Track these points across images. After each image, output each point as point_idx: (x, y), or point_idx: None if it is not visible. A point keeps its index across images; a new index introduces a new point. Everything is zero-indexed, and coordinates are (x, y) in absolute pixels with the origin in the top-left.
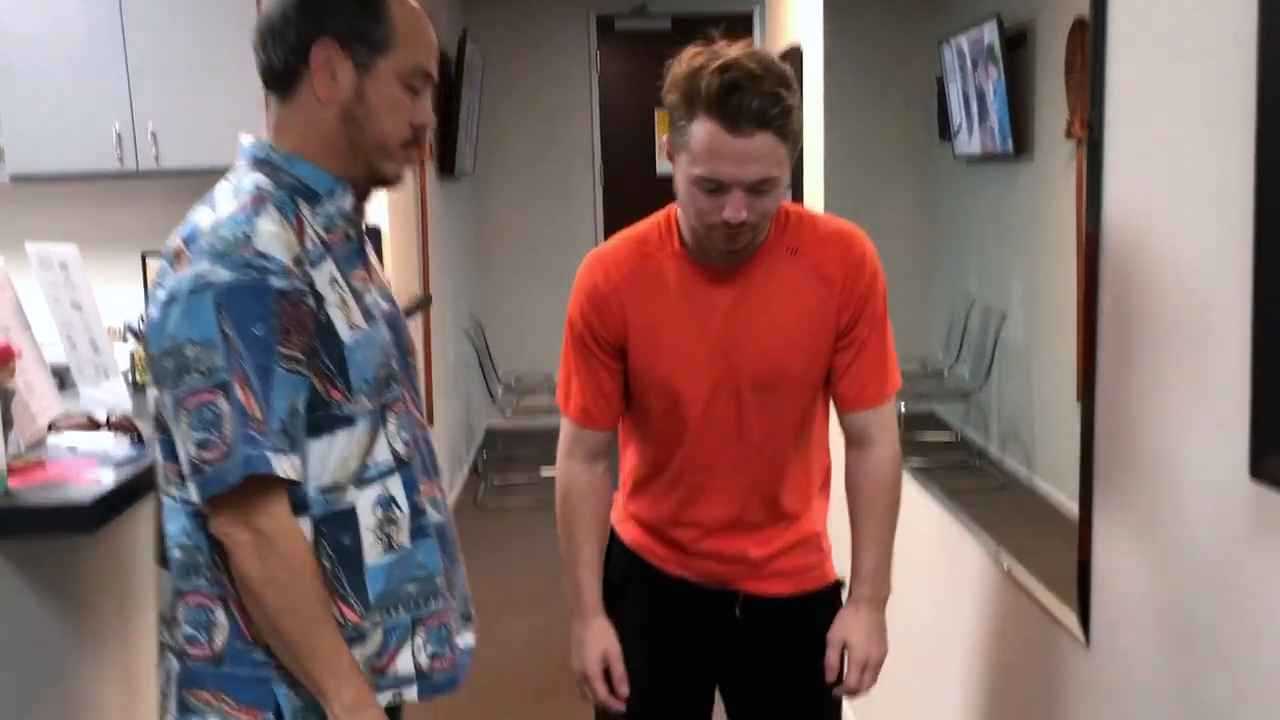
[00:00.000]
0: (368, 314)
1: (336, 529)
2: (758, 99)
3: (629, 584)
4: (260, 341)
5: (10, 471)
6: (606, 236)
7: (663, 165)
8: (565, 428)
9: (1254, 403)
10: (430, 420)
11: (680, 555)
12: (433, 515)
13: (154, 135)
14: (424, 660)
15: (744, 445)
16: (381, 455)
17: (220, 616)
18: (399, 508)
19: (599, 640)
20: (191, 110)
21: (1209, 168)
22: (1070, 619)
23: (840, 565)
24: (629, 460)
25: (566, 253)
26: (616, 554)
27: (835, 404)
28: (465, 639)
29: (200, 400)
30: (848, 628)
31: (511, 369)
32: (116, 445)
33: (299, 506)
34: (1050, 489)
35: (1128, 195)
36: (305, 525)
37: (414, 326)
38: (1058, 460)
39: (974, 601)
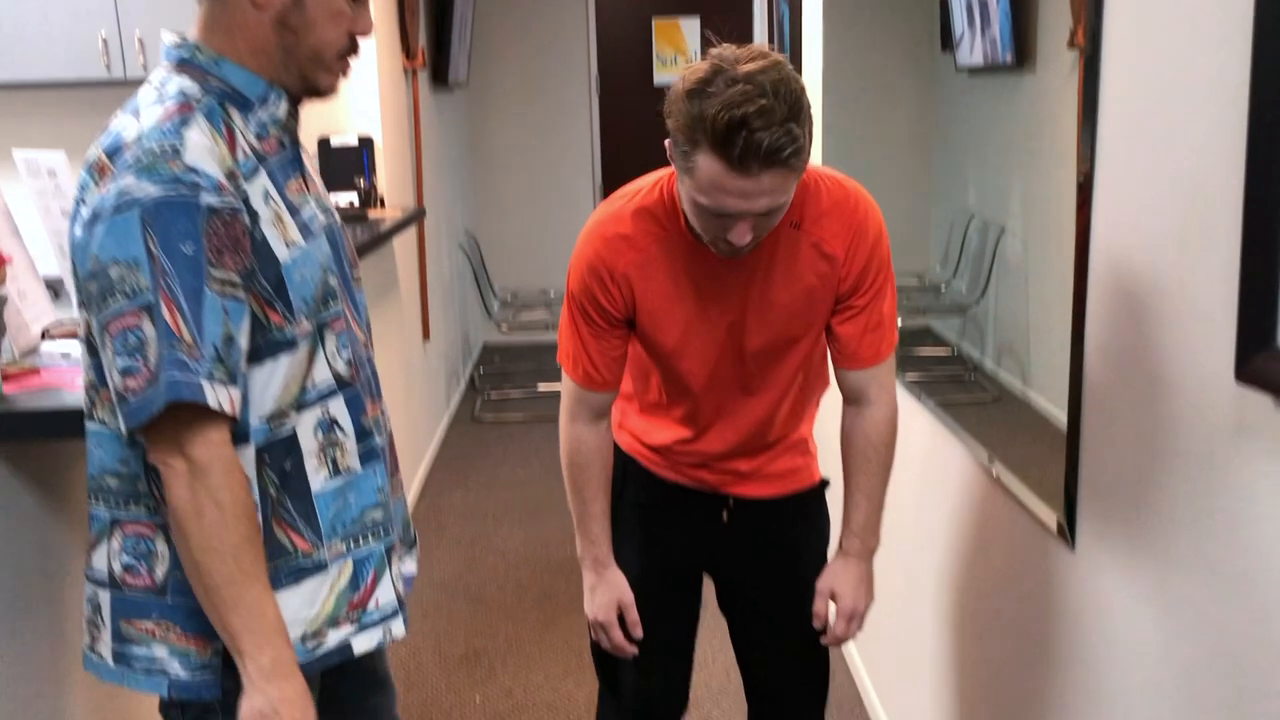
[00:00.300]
0: (305, 229)
1: (278, 456)
2: (767, 137)
3: (626, 478)
4: (190, 261)
5: (4, 377)
6: (604, 148)
7: (660, 76)
8: (568, 389)
9: (1241, 305)
10: (426, 335)
11: (673, 467)
12: (376, 436)
13: (141, 42)
14: (401, 588)
15: (746, 396)
16: (320, 376)
17: (161, 546)
18: (342, 430)
19: (612, 589)
20: (179, 17)
21: (1204, 76)
22: (1056, 523)
23: (825, 466)
24: (629, 388)
25: (563, 165)
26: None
27: (832, 360)
28: (408, 566)
29: (124, 324)
30: (836, 578)
31: (508, 284)
32: None
33: (240, 437)
34: (1044, 402)
35: (1123, 108)
36: (248, 455)
37: (408, 240)
38: (1053, 374)
39: (962, 507)
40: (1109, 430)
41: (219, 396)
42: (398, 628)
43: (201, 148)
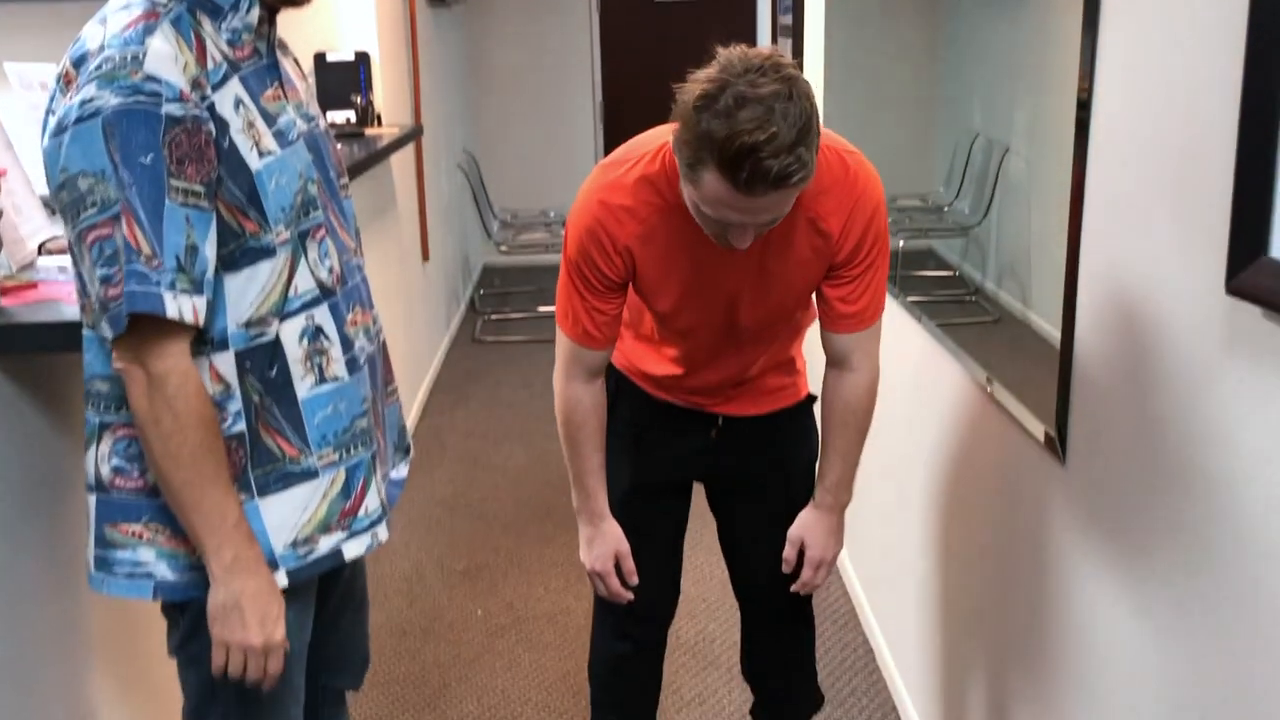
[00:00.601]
0: (281, 136)
1: (260, 362)
2: (776, 164)
3: (619, 394)
4: (149, 171)
5: (2, 291)
6: (605, 67)
7: None
8: (564, 346)
9: (1234, 217)
10: (425, 256)
11: (664, 390)
12: (363, 344)
13: None
14: (385, 494)
15: (738, 349)
16: (304, 285)
17: None
18: (327, 338)
19: (609, 541)
20: None
21: None
22: (1045, 434)
23: (813, 384)
24: (625, 316)
25: (562, 84)
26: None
27: (820, 320)
28: (400, 471)
29: (99, 235)
30: (807, 528)
31: (507, 205)
32: None
33: (219, 343)
34: (1045, 324)
35: (1123, 25)
36: (227, 361)
37: (406, 159)
38: (1054, 295)
39: (956, 424)
40: (1102, 345)
41: (180, 306)
42: (383, 532)
43: (164, 56)
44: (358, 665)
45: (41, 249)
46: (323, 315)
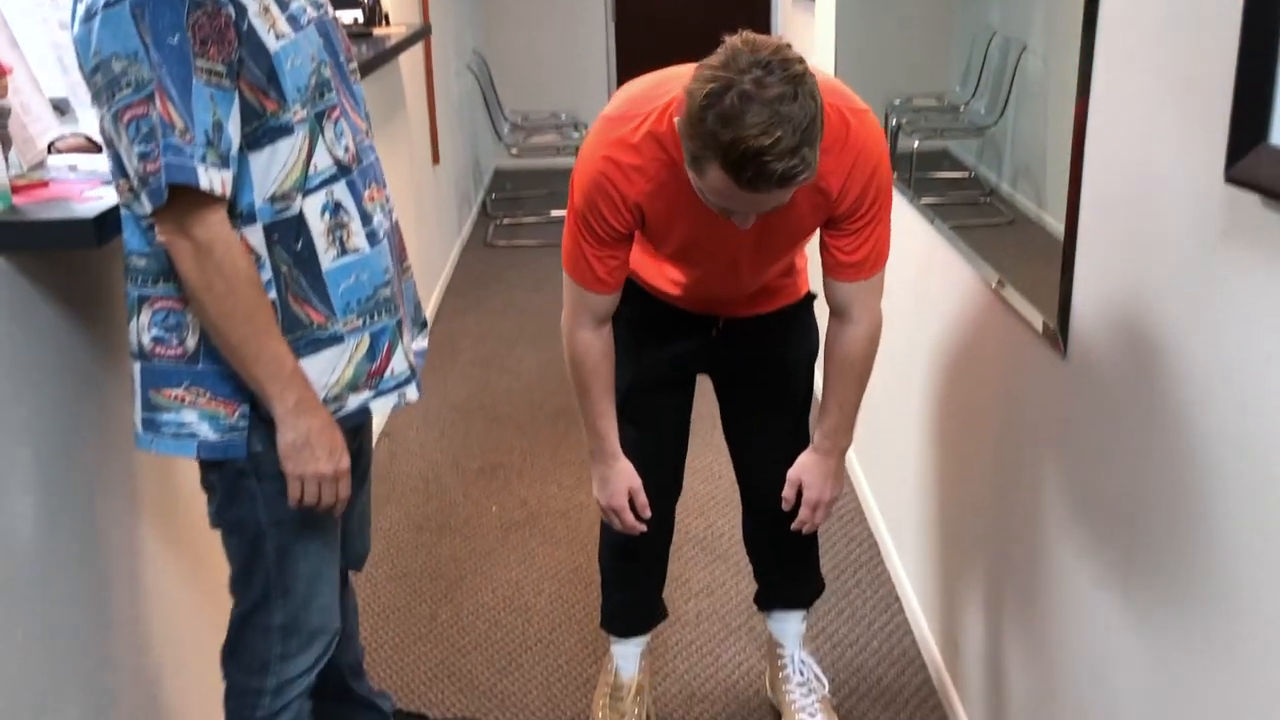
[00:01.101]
0: (294, 21)
1: (287, 235)
2: (781, 166)
3: (623, 296)
4: (176, 52)
5: (13, 190)
6: None
7: None
8: (572, 294)
9: (1235, 103)
10: (436, 159)
11: (666, 296)
12: (380, 219)
13: None
14: (414, 359)
15: (738, 278)
16: (323, 163)
17: (189, 318)
18: (346, 212)
19: (623, 478)
20: None
21: None
22: (1043, 324)
23: (813, 282)
24: None
25: None
26: None
27: (822, 267)
28: (420, 343)
29: (135, 114)
30: (805, 470)
31: (518, 107)
32: None
33: (247, 217)
34: (1059, 226)
35: None
36: (256, 233)
37: (414, 60)
38: (1066, 197)
39: (963, 324)
40: (1104, 237)
41: (211, 179)
42: (411, 393)
43: None
44: (360, 548)
45: (51, 148)
46: (341, 191)
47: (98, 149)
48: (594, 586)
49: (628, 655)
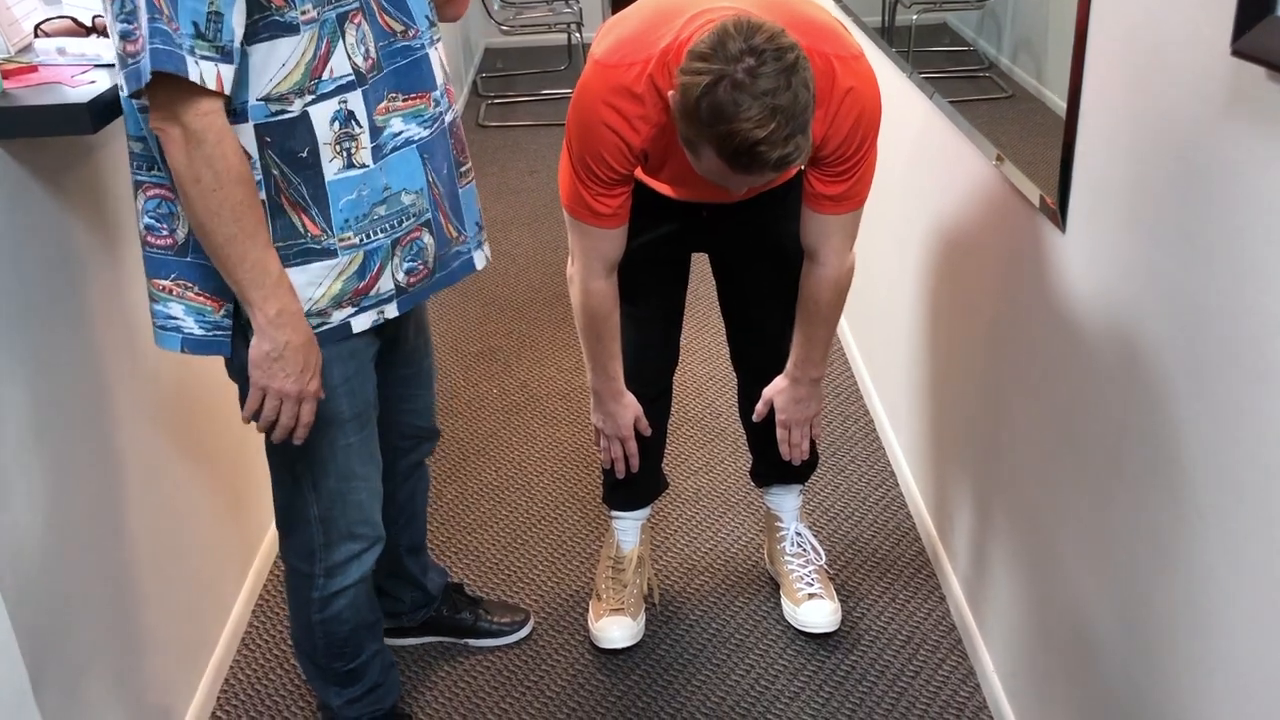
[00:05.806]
0: None
1: (284, 137)
2: (775, 154)
3: None
4: None
5: (4, 75)
6: None
7: None
8: (580, 237)
9: None
10: None
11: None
12: (399, 129)
13: None
14: (401, 278)
15: (730, 197)
16: (340, 69)
17: (180, 209)
18: (358, 123)
19: (629, 410)
20: None
21: None
22: (1040, 198)
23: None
24: None
25: None
26: None
27: (803, 196)
28: (480, 256)
29: None
30: (776, 392)
31: None
32: (106, 48)
33: (240, 114)
34: (1059, 101)
35: None
36: (248, 133)
37: None
38: (1069, 71)
39: (962, 200)
40: (1106, 111)
41: (203, 71)
42: (390, 310)
43: None
44: (424, 422)
45: (38, 30)
46: (355, 101)
47: (85, 31)
48: (595, 465)
49: (628, 529)
